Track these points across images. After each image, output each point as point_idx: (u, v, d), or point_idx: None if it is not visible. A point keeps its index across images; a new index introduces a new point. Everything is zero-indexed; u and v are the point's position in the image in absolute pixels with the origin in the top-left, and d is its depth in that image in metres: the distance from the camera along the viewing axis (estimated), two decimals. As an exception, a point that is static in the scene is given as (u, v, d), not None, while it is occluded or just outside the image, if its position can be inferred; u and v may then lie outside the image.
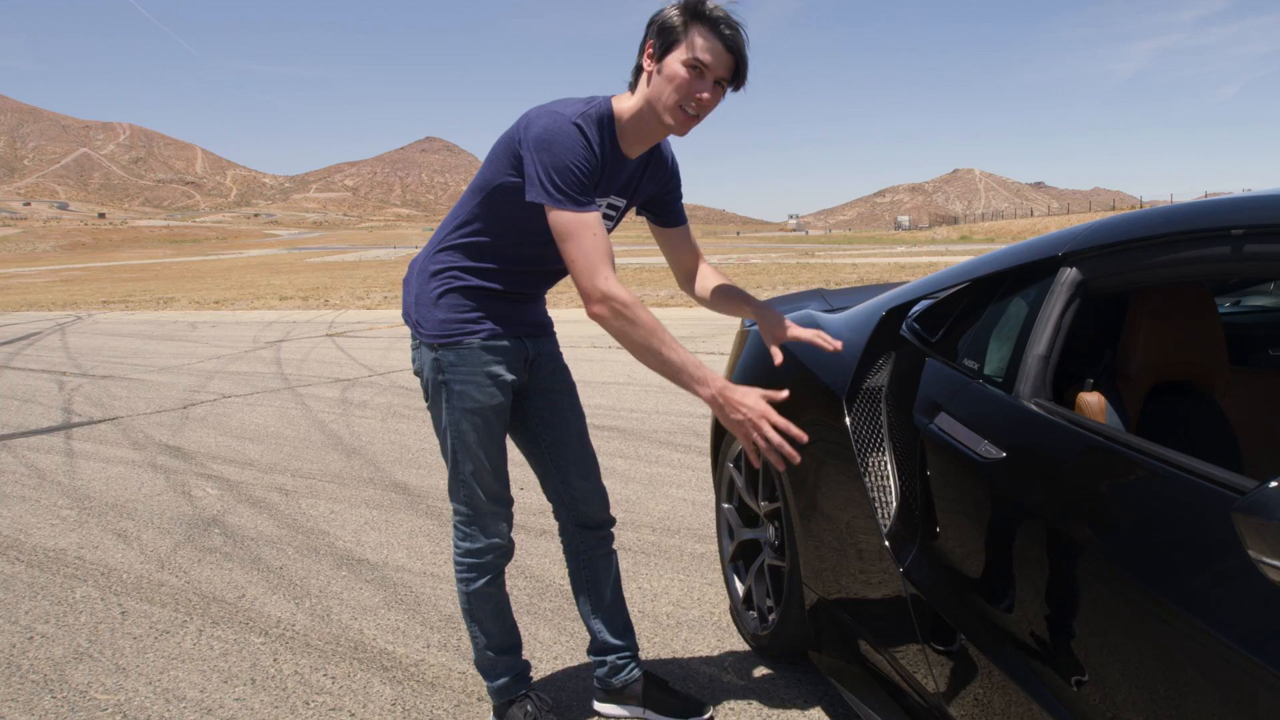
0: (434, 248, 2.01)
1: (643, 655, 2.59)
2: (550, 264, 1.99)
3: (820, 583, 2.13)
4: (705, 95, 1.77)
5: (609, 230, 1.93)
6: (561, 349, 2.20)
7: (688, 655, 2.59)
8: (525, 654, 2.57)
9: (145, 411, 6.77)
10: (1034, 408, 1.60)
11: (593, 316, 1.76)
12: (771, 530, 2.52)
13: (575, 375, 2.22)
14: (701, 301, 2.22)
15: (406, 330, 13.05)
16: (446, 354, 1.95)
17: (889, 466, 1.92)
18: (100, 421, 6.39)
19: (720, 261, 33.57)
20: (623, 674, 2.22)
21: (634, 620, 2.82)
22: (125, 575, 3.33)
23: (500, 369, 1.97)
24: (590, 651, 2.26)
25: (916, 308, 2.30)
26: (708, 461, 4.10)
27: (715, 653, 2.60)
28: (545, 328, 2.13)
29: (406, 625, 2.83)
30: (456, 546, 2.08)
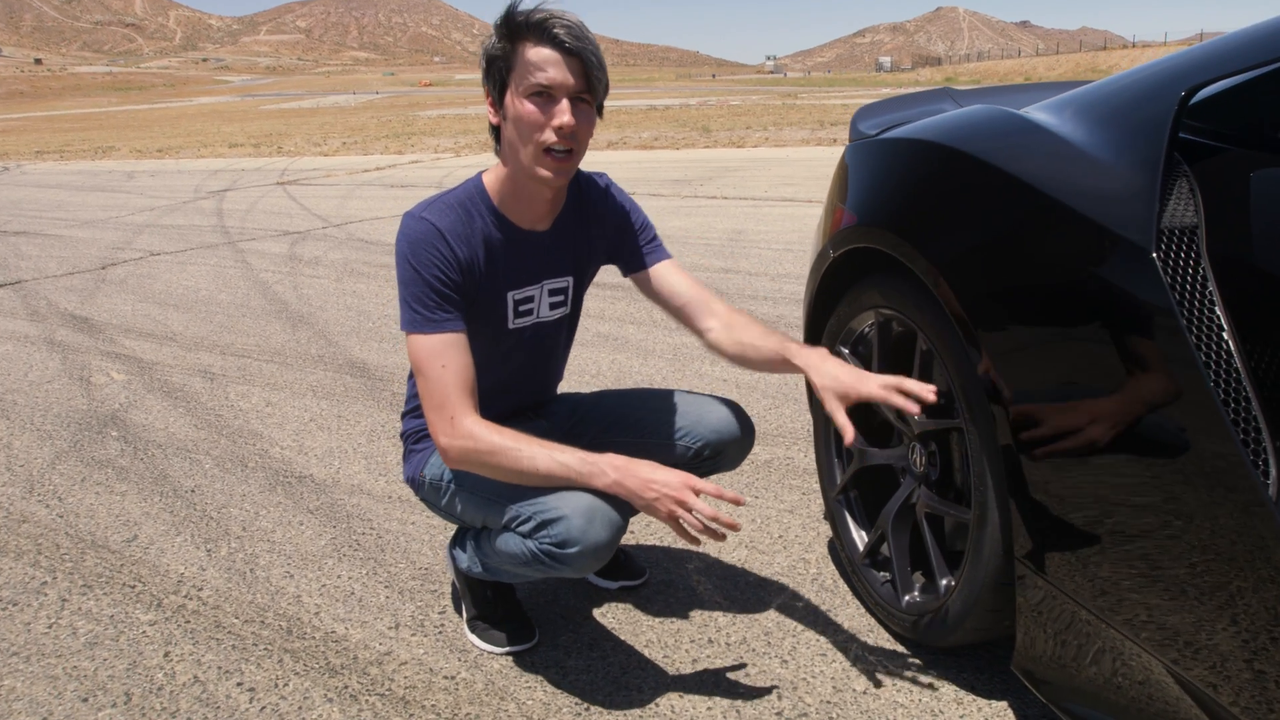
0: (403, 410, 1.74)
1: (714, 631, 1.75)
2: (539, 353, 1.68)
3: (1056, 564, 1.25)
4: (567, 119, 1.38)
5: (566, 312, 1.67)
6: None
7: (781, 635, 1.74)
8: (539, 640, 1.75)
9: (55, 274, 5.70)
10: None
11: (442, 456, 1.47)
12: (920, 454, 1.63)
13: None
14: (732, 358, 1.65)
15: (367, 177, 11.74)
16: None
17: (1239, 369, 1.00)
18: (-2, 286, 5.34)
19: (700, 104, 31.44)
20: None
21: (689, 574, 1.99)
22: (-23, 505, 2.42)
23: None
24: None
25: (1211, 89, 1.33)
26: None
27: (824, 634, 1.75)
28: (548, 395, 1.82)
29: (364, 587, 1.96)
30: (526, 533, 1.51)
